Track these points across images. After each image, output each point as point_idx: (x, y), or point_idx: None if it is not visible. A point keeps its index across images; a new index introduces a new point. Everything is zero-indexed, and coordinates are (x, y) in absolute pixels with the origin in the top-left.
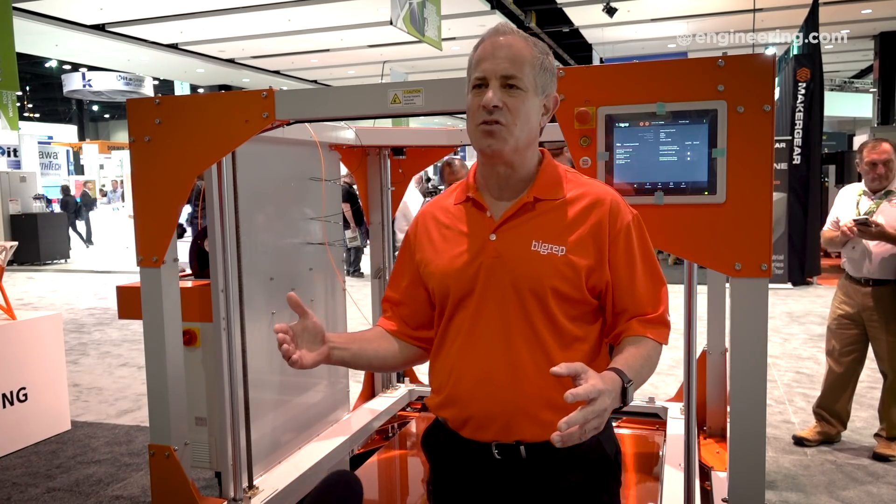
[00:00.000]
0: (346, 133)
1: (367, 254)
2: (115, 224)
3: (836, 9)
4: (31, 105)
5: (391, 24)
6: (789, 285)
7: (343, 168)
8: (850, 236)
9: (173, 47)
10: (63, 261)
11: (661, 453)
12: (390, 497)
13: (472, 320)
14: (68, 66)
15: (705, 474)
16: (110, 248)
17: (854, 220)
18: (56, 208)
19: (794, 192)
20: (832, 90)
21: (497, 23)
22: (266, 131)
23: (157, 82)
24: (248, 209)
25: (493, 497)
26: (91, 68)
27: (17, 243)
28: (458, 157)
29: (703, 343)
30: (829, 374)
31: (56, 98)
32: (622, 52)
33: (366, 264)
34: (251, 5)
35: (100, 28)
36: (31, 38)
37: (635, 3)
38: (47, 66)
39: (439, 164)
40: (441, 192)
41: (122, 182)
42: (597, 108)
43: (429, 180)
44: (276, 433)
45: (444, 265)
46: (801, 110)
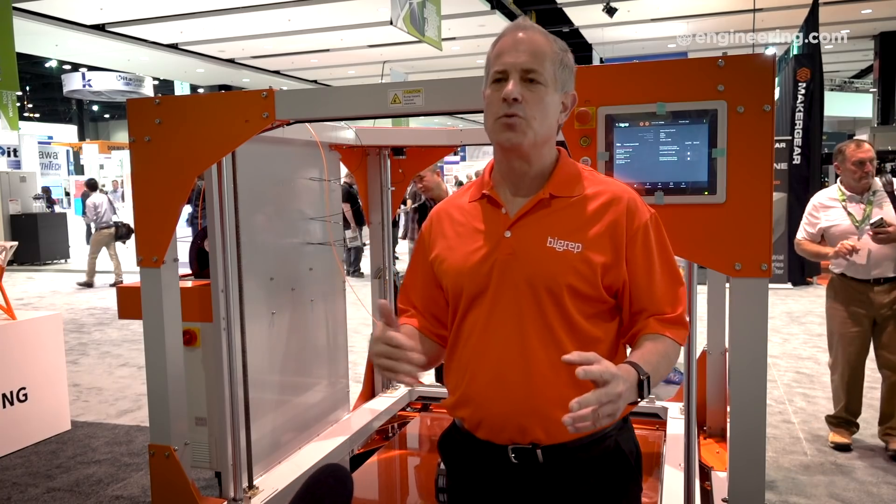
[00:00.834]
0: (346, 133)
1: (367, 254)
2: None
3: (836, 9)
4: (31, 105)
5: (391, 24)
6: (789, 285)
7: (343, 168)
8: (849, 258)
9: (173, 47)
10: (63, 261)
11: (661, 453)
12: (390, 497)
13: (486, 318)
14: (68, 66)
15: (705, 474)
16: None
17: (871, 224)
18: (56, 209)
19: (794, 192)
20: (832, 90)
21: (518, 19)
22: (266, 131)
23: (157, 82)
24: (248, 209)
25: (509, 501)
26: (91, 68)
27: (16, 243)
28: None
29: (703, 343)
30: (848, 379)
31: (56, 98)
32: (622, 52)
33: (366, 264)
34: (251, 5)
35: (100, 28)
36: (31, 38)
37: (635, 3)
38: (47, 66)
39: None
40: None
41: (122, 182)
42: (597, 108)
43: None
44: (276, 433)
45: (458, 262)
46: (801, 110)
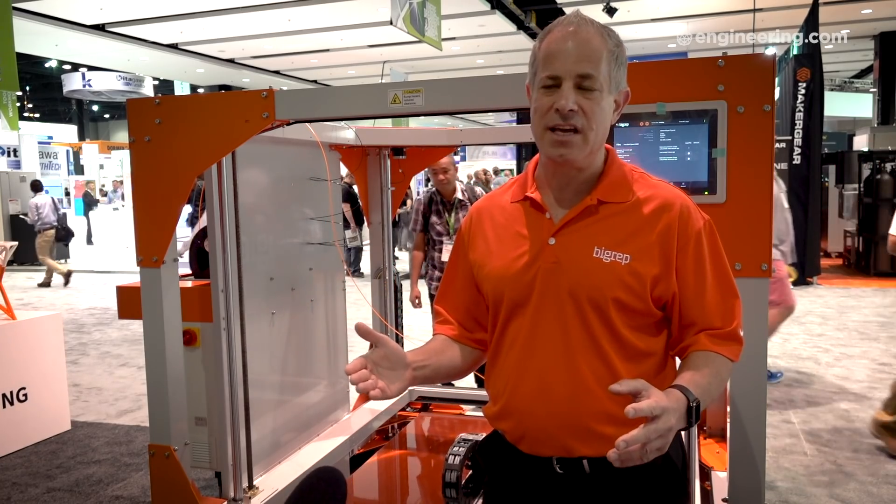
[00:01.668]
0: (346, 133)
1: (367, 254)
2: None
3: (836, 9)
4: (31, 105)
5: (391, 24)
6: None
7: (343, 168)
8: None
9: (173, 47)
10: (63, 261)
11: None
12: (390, 497)
13: (529, 329)
14: (68, 66)
15: (705, 474)
16: (110, 248)
17: None
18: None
19: (794, 192)
20: (832, 90)
21: (570, 14)
22: (266, 131)
23: (157, 82)
24: (248, 209)
25: None
26: (91, 68)
27: (16, 243)
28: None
29: None
30: None
31: (56, 98)
32: None
33: (366, 264)
34: (251, 5)
35: (100, 28)
36: (31, 38)
37: (635, 3)
38: (47, 66)
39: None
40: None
41: (122, 182)
42: None
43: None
44: (276, 433)
45: (499, 269)
46: (801, 110)
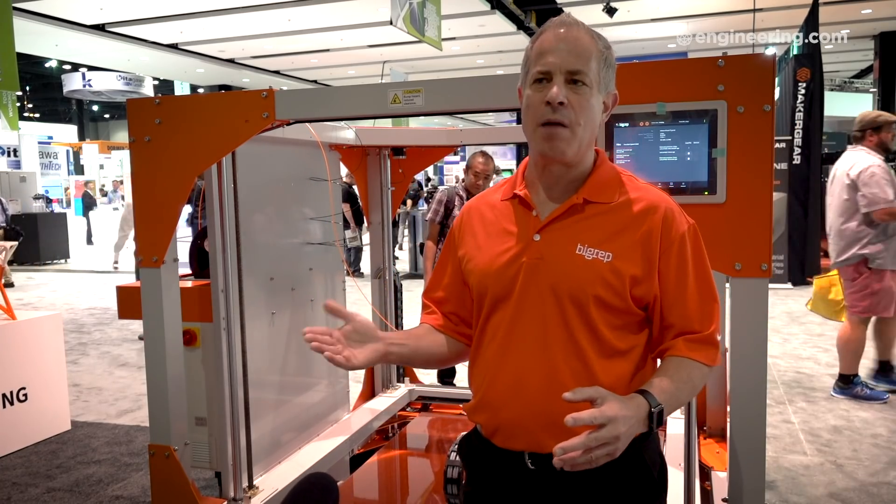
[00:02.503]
0: (346, 133)
1: (367, 254)
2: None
3: (836, 9)
4: (31, 105)
5: (391, 24)
6: (789, 285)
7: (343, 168)
8: None
9: (173, 47)
10: (63, 261)
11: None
12: (390, 497)
13: (509, 323)
14: (68, 66)
15: (705, 474)
16: (110, 248)
17: None
18: (56, 208)
19: (794, 192)
20: (832, 90)
21: (562, 14)
22: (266, 131)
23: (157, 82)
24: (248, 209)
25: None
26: (91, 68)
27: (16, 243)
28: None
29: None
30: None
31: (56, 98)
32: (622, 52)
33: (366, 264)
34: (251, 5)
35: (100, 28)
36: (31, 38)
37: (635, 3)
38: (47, 66)
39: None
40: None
41: (122, 182)
42: None
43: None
44: (276, 433)
45: (484, 263)
46: (801, 110)
